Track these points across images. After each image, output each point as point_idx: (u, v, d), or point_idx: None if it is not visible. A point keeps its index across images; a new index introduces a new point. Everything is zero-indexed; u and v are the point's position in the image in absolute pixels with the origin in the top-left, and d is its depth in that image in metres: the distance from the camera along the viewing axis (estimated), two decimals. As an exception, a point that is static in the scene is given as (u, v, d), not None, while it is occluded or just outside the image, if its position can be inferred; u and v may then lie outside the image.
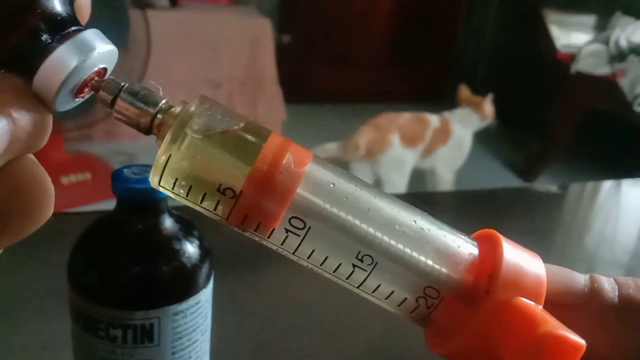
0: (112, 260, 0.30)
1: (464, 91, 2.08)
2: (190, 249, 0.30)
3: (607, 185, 0.95)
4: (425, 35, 3.24)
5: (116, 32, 1.54)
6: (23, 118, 0.16)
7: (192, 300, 0.30)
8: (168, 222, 0.30)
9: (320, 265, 0.20)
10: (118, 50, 0.19)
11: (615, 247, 0.72)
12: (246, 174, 0.18)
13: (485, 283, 0.19)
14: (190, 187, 0.19)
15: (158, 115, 0.19)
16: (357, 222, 0.19)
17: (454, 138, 2.05)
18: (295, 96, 2.68)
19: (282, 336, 0.46)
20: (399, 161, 1.92)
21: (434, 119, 2.01)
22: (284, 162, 0.19)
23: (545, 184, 2.18)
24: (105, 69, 0.19)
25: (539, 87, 2.53)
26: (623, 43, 2.02)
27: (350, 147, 1.91)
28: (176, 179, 0.19)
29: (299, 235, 0.19)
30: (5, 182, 0.16)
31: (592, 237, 0.76)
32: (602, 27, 2.30)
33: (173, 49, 2.07)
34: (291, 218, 0.19)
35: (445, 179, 2.11)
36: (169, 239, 0.30)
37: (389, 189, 1.95)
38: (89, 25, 0.19)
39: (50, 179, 0.18)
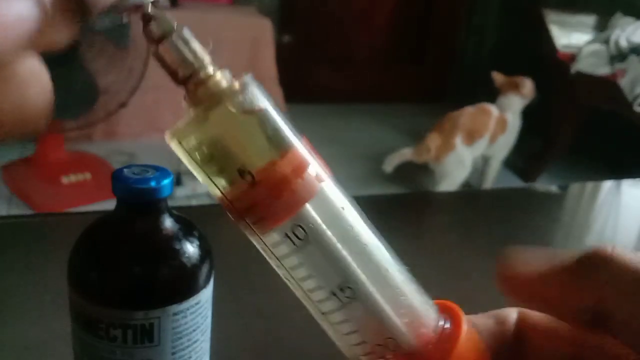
0: (112, 260, 0.30)
1: (498, 77, 2.15)
2: (191, 249, 0.30)
3: (607, 185, 0.95)
4: (425, 36, 3.25)
5: (116, 32, 1.54)
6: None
7: (192, 300, 0.30)
8: (168, 222, 0.30)
9: (299, 280, 0.19)
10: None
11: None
12: (271, 167, 0.18)
13: (438, 357, 0.19)
14: (211, 157, 0.18)
15: (200, 74, 0.18)
16: (354, 253, 0.19)
17: (509, 125, 2.14)
18: (295, 96, 2.68)
19: (282, 336, 0.46)
20: (461, 160, 2.03)
21: (494, 109, 2.12)
22: (309, 169, 0.19)
23: (545, 184, 2.18)
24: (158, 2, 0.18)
25: (539, 87, 2.53)
26: (623, 43, 2.03)
27: (422, 151, 2.04)
28: (200, 143, 0.18)
29: (295, 245, 0.19)
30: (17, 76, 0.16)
31: (592, 237, 0.76)
32: (602, 27, 2.30)
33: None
34: (295, 225, 0.19)
35: (496, 167, 2.22)
36: (169, 239, 0.30)
37: (447, 186, 2.04)
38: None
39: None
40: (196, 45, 0.19)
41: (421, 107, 3.25)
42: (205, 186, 0.19)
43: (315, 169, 0.19)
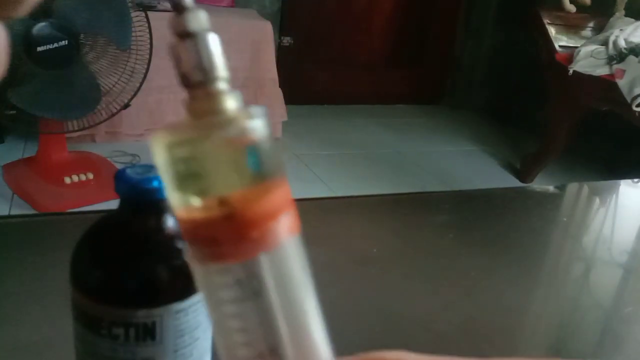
0: (114, 259, 0.30)
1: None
2: (192, 248, 0.30)
3: (605, 185, 0.95)
4: (424, 37, 3.25)
5: (118, 33, 1.54)
6: None
7: (194, 299, 0.30)
8: (170, 222, 0.30)
9: (229, 329, 0.18)
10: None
11: (612, 248, 0.73)
12: (252, 203, 0.17)
13: None
14: (195, 175, 0.17)
15: (212, 86, 0.17)
16: (293, 320, 0.18)
17: None
18: (296, 97, 2.68)
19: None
20: None
21: None
22: (282, 216, 0.18)
23: (543, 184, 2.19)
24: None
25: (537, 88, 2.53)
26: (621, 43, 2.03)
27: None
28: (189, 157, 0.17)
29: (244, 295, 0.17)
30: None
31: (590, 237, 0.77)
32: (600, 27, 2.30)
33: (174, 50, 2.07)
34: (252, 275, 0.17)
35: None
36: (171, 238, 0.30)
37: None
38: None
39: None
40: (219, 55, 0.17)
41: (419, 108, 3.26)
42: None
43: (290, 218, 0.18)
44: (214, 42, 0.17)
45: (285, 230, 0.18)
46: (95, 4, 1.49)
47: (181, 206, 0.17)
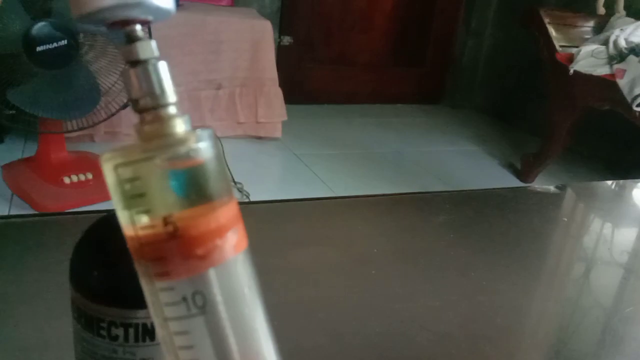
0: (114, 259, 0.30)
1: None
2: (191, 248, 0.30)
3: (606, 185, 0.95)
4: (425, 37, 3.25)
5: (118, 33, 1.54)
6: None
7: (192, 299, 0.30)
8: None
9: (178, 347, 0.18)
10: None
11: (613, 248, 0.72)
12: (196, 223, 0.17)
13: None
14: (141, 195, 0.17)
15: (161, 111, 0.18)
16: (240, 337, 0.18)
17: None
18: (296, 97, 2.68)
19: (282, 336, 0.46)
20: None
21: None
22: (228, 233, 0.18)
23: (543, 184, 2.19)
24: (149, 23, 0.18)
25: (538, 88, 2.53)
26: (622, 43, 2.03)
27: None
28: (135, 178, 0.17)
29: (189, 311, 0.18)
30: None
31: (590, 237, 0.77)
32: (601, 27, 2.30)
33: (174, 50, 2.07)
34: (197, 292, 0.18)
35: None
36: (170, 239, 0.30)
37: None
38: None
39: None
40: (168, 81, 0.18)
41: (420, 108, 3.26)
42: None
43: (237, 233, 0.18)
44: (163, 70, 0.18)
45: (231, 247, 0.18)
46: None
47: (128, 224, 0.18)
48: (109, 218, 0.31)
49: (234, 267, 0.18)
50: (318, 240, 0.62)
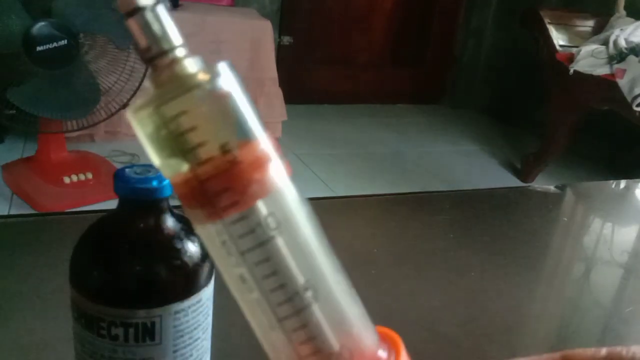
0: (114, 259, 0.30)
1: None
2: (192, 247, 0.30)
3: (606, 185, 0.95)
4: (425, 37, 3.25)
5: (118, 32, 1.54)
6: None
7: (193, 299, 0.30)
8: (170, 222, 0.30)
9: (261, 278, 0.18)
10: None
11: (613, 248, 0.72)
12: (253, 146, 0.17)
13: None
14: (193, 129, 0.17)
15: (172, 55, 0.17)
16: (317, 253, 0.18)
17: None
18: (296, 97, 2.68)
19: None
20: None
21: None
22: (278, 154, 0.18)
23: (543, 184, 2.18)
24: None
25: (538, 87, 2.53)
26: (622, 43, 2.03)
27: None
28: (184, 112, 0.17)
29: (265, 235, 0.17)
30: None
31: (590, 237, 0.77)
32: (601, 27, 2.30)
33: (173, 50, 2.07)
34: (269, 214, 0.18)
35: None
36: (170, 238, 0.30)
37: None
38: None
39: None
40: (171, 24, 0.17)
41: (420, 108, 3.26)
42: None
43: (282, 159, 0.19)
44: (163, 13, 0.17)
45: (284, 167, 0.18)
46: (94, 4, 1.49)
47: (178, 169, 0.17)
48: (109, 218, 0.31)
49: (291, 187, 0.18)
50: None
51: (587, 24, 2.36)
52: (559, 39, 2.24)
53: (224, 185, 0.17)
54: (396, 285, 0.56)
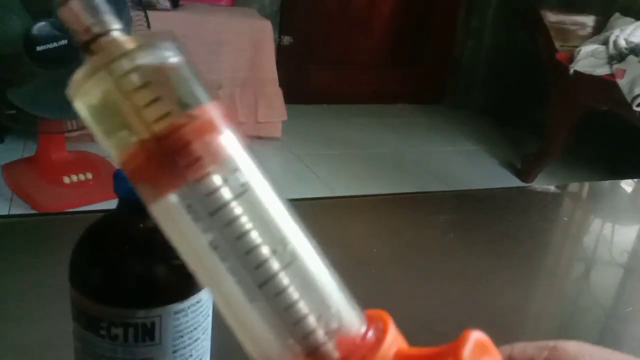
0: (113, 259, 0.30)
1: None
2: (191, 248, 0.30)
3: (606, 185, 0.95)
4: (425, 37, 3.25)
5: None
6: None
7: (193, 299, 0.30)
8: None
9: (237, 238, 0.17)
10: None
11: (613, 247, 0.73)
12: (211, 103, 0.17)
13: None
14: (146, 85, 0.16)
15: (111, 35, 0.17)
16: (287, 211, 0.18)
17: None
18: (296, 97, 2.68)
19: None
20: None
21: None
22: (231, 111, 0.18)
23: (543, 184, 2.19)
24: None
25: (537, 87, 2.53)
26: (622, 43, 2.03)
27: None
28: (136, 68, 0.17)
29: (236, 189, 0.17)
30: None
31: (590, 237, 0.77)
32: (601, 27, 2.30)
33: (173, 50, 2.07)
34: (235, 169, 0.17)
35: None
36: (170, 239, 0.30)
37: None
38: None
39: None
40: (105, 6, 0.17)
41: (419, 108, 3.26)
42: None
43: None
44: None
45: (241, 124, 0.18)
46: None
47: (129, 141, 0.17)
48: (108, 218, 0.31)
49: (248, 150, 0.18)
50: (318, 240, 0.62)
51: (587, 24, 2.36)
52: (558, 39, 2.24)
53: (184, 140, 0.16)
54: (396, 285, 0.56)
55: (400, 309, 0.53)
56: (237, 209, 0.17)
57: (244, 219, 0.17)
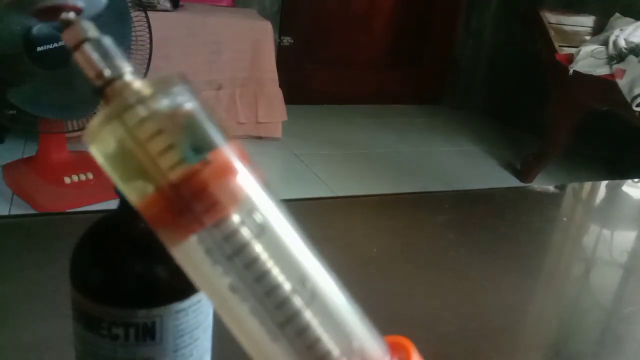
0: (114, 259, 0.30)
1: None
2: (192, 248, 0.30)
3: (605, 185, 0.95)
4: (424, 37, 3.25)
5: (118, 33, 1.54)
6: None
7: (194, 299, 0.30)
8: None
9: (258, 277, 0.17)
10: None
11: (613, 248, 0.73)
12: (223, 149, 0.17)
13: None
14: (160, 132, 0.17)
15: (117, 83, 0.17)
16: (307, 251, 0.18)
17: None
18: (296, 97, 2.68)
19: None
20: None
21: None
22: (250, 158, 0.18)
23: (543, 184, 2.19)
24: (80, 10, 0.17)
25: (537, 88, 2.53)
26: (621, 43, 2.03)
27: None
28: (149, 117, 0.17)
29: (255, 229, 0.17)
30: None
31: (590, 237, 0.77)
32: (600, 27, 2.30)
33: (174, 51, 2.07)
34: (252, 209, 0.17)
35: None
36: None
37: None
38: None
39: None
40: (117, 52, 0.17)
41: (419, 108, 3.26)
42: None
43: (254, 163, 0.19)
44: (108, 43, 0.18)
45: (258, 169, 0.18)
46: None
47: (146, 190, 0.17)
48: (109, 218, 0.31)
49: (266, 189, 0.18)
50: (318, 240, 0.62)
51: (587, 24, 2.36)
52: (558, 39, 2.24)
53: (201, 186, 0.17)
54: (396, 285, 0.56)
55: (400, 309, 0.53)
56: (255, 250, 0.17)
57: (262, 260, 0.17)
